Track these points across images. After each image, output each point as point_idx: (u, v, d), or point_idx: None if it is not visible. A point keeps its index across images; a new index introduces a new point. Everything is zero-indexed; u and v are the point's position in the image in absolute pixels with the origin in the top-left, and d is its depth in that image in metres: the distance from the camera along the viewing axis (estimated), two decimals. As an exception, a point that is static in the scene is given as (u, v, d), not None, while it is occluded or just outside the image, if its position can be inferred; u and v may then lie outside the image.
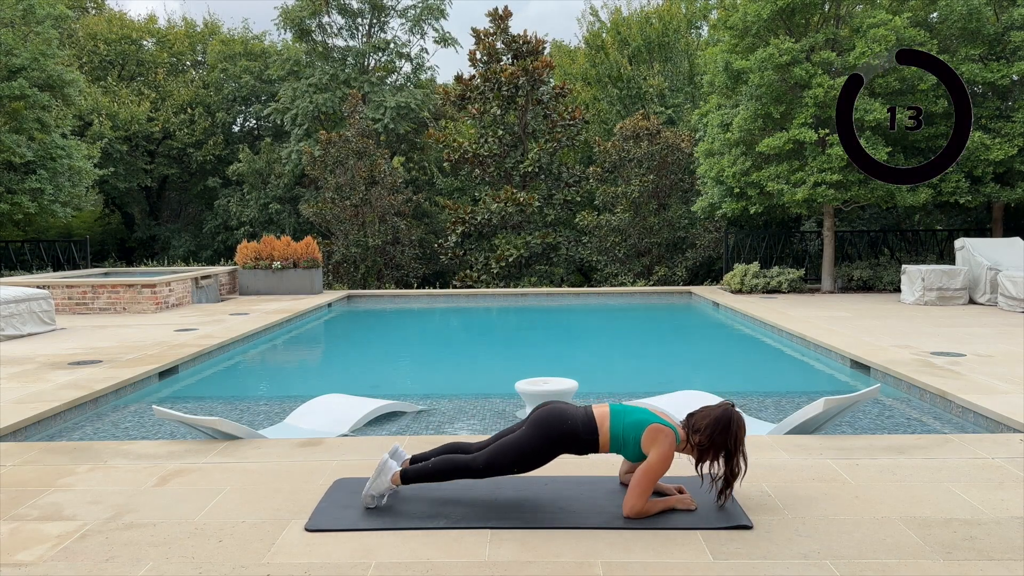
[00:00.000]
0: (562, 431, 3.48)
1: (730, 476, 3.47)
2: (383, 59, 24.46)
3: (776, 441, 4.72)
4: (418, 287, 19.57)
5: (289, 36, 24.62)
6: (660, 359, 9.68)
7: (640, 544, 3.21)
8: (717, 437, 3.42)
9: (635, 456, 3.53)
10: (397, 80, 24.52)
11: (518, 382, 5.97)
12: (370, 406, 6.01)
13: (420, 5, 24.25)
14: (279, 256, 15.26)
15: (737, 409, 3.52)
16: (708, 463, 3.49)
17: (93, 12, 27.84)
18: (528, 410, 5.66)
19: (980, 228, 16.40)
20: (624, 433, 3.49)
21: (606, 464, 4.25)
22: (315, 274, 15.35)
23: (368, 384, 7.91)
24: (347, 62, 23.65)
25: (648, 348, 10.64)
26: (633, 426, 3.48)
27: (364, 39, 24.32)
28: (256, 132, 27.29)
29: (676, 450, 3.50)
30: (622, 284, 17.72)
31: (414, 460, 3.70)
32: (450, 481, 3.68)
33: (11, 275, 15.78)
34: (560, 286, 18.52)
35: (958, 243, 12.84)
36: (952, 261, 14.61)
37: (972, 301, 12.10)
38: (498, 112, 19.54)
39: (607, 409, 3.58)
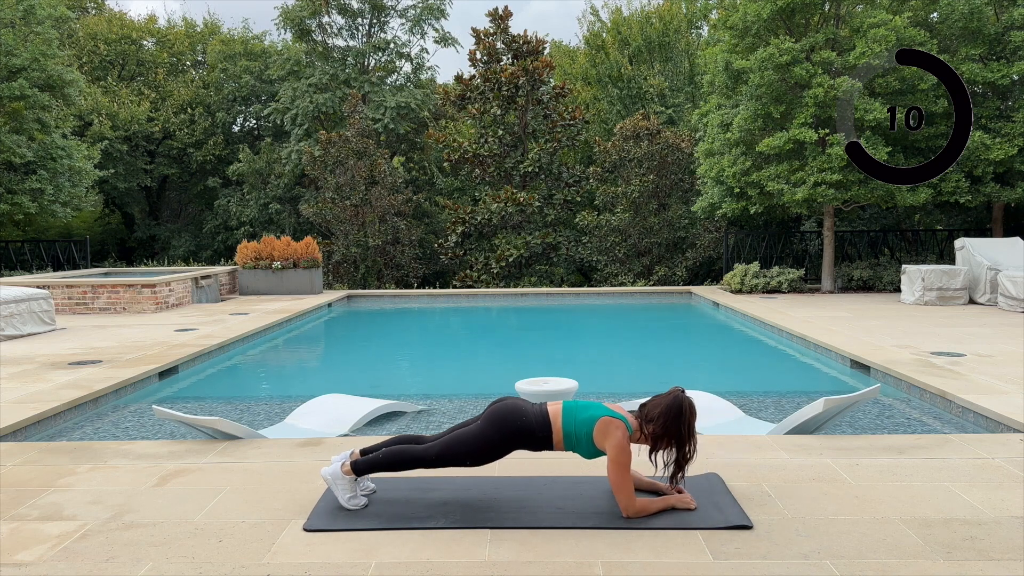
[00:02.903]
0: (517, 427, 3.50)
1: (682, 461, 3.52)
2: (383, 59, 24.45)
3: (776, 441, 4.72)
4: (418, 287, 19.57)
5: (289, 36, 24.61)
6: (660, 359, 9.67)
7: (640, 544, 3.21)
8: (670, 424, 3.45)
9: (589, 453, 3.56)
10: (397, 80, 24.51)
11: (518, 382, 5.96)
12: (370, 406, 6.01)
13: (420, 5, 24.24)
14: (279, 256, 15.27)
15: (687, 394, 3.54)
16: (662, 451, 3.52)
17: (93, 12, 27.84)
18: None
19: (980, 228, 16.39)
20: (576, 430, 3.51)
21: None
22: (315, 274, 15.35)
23: (368, 384, 7.91)
24: (347, 62, 23.64)
25: (648, 348, 10.63)
26: (584, 422, 3.50)
27: (364, 39, 24.31)
28: (256, 132, 27.28)
29: (631, 440, 3.51)
30: (622, 284, 17.71)
31: (364, 452, 3.71)
32: (404, 472, 3.73)
33: (11, 275, 15.79)
34: (560, 286, 18.52)
35: (958, 243, 12.83)
36: (952, 261, 14.61)
37: (972, 301, 12.10)
38: (498, 112, 19.53)
39: (560, 406, 3.60)
